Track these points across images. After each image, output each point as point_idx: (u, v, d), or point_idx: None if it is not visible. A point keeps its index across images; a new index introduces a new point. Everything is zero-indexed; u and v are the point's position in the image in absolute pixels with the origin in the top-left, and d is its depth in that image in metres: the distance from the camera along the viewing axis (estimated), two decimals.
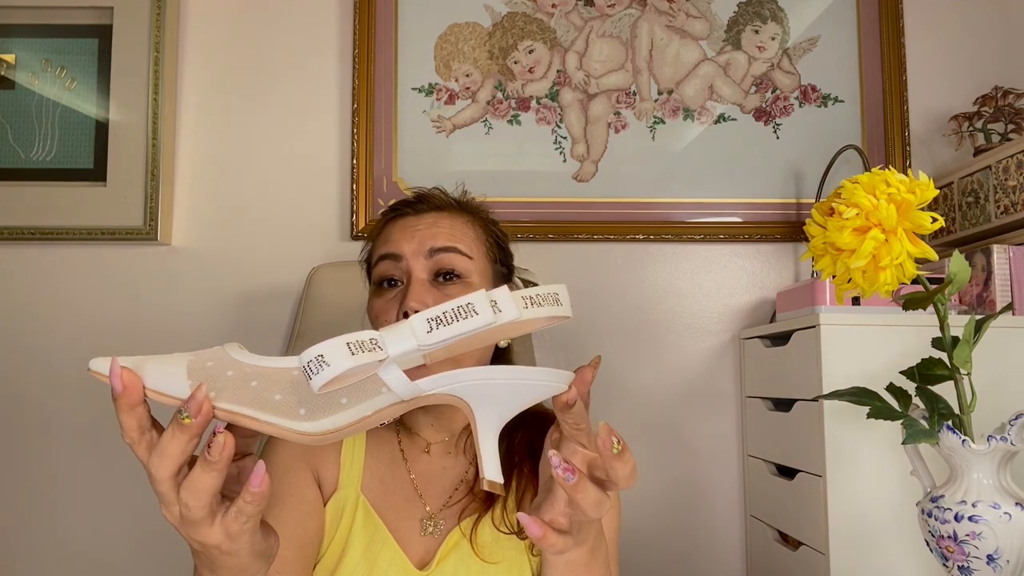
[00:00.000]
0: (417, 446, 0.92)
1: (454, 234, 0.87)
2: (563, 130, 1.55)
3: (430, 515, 0.87)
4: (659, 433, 1.52)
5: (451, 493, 0.88)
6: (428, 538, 0.86)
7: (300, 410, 0.51)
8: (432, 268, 0.85)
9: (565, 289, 0.55)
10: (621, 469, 0.57)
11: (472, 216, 0.92)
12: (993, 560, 0.80)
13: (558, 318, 0.55)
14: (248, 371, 0.52)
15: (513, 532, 0.84)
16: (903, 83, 1.56)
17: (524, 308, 0.51)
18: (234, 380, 0.51)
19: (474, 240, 0.90)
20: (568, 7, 1.57)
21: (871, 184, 0.77)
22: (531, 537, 0.58)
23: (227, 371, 0.51)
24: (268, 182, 1.55)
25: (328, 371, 0.47)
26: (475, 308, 0.49)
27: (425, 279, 0.85)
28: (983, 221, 1.33)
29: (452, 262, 0.85)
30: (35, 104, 1.51)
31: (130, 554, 1.47)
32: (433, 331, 0.49)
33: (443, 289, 0.85)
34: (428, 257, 0.85)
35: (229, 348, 0.53)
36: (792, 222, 1.54)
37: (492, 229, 0.94)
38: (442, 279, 0.85)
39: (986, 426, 0.85)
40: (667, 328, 1.54)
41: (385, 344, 0.49)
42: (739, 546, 1.51)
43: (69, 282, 1.51)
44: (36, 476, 1.48)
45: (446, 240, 0.86)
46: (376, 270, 0.88)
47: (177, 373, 0.51)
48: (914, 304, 0.82)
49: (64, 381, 1.49)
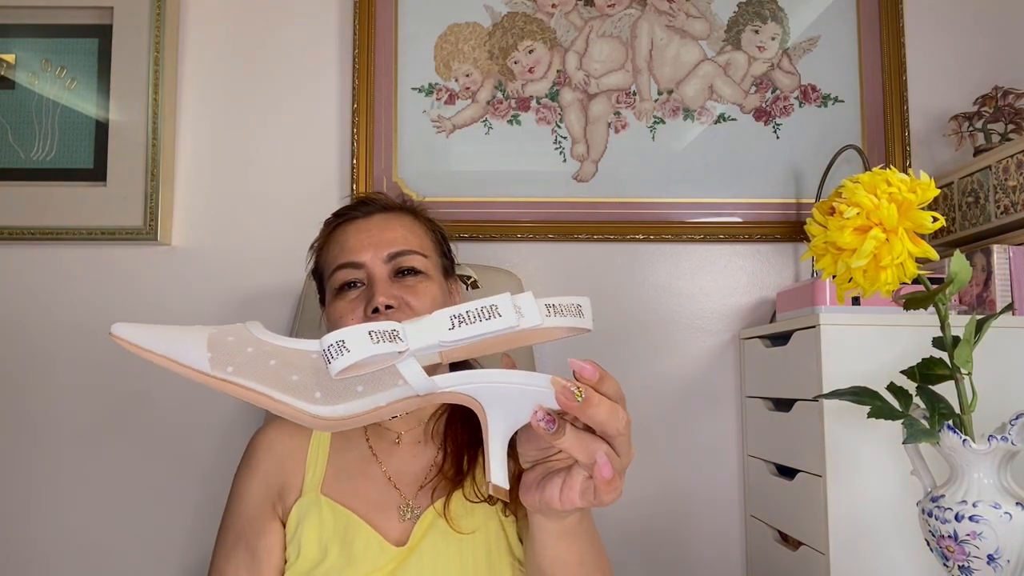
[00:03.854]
0: (386, 439, 0.95)
1: (407, 236, 0.94)
2: (563, 130, 1.55)
3: (407, 502, 0.89)
4: (659, 433, 1.52)
5: (423, 478, 0.91)
6: (406, 523, 0.89)
7: (316, 393, 0.51)
8: (392, 268, 0.91)
9: (588, 302, 0.54)
10: (596, 414, 0.52)
11: (414, 215, 0.99)
12: (994, 560, 0.80)
13: (579, 330, 0.54)
14: (268, 349, 0.52)
15: (483, 500, 0.87)
16: (903, 83, 1.56)
17: (546, 316, 0.51)
18: (253, 357, 0.51)
19: (423, 237, 0.96)
20: (568, 7, 1.57)
21: (872, 183, 0.77)
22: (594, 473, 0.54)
23: (247, 348, 0.52)
24: (268, 182, 1.55)
25: (348, 356, 0.47)
26: (499, 310, 0.49)
27: (386, 277, 0.90)
28: (983, 221, 1.33)
29: (411, 262, 0.92)
30: (35, 104, 1.51)
31: (131, 554, 1.47)
32: (455, 328, 0.49)
33: (403, 282, 0.91)
34: (387, 261, 0.91)
35: (251, 326, 0.53)
36: (792, 222, 1.54)
37: (434, 225, 1.01)
38: (401, 274, 0.91)
39: (987, 426, 0.85)
40: (667, 328, 1.54)
41: (407, 336, 0.49)
42: (739, 546, 1.51)
43: (69, 282, 1.51)
44: (37, 476, 1.48)
45: (402, 244, 0.92)
46: (335, 277, 0.92)
47: (197, 345, 0.51)
48: (915, 304, 0.82)
49: (64, 381, 1.49)
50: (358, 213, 0.96)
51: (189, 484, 1.48)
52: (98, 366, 1.49)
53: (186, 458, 1.48)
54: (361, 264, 0.90)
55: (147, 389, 1.49)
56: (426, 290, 0.91)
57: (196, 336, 0.51)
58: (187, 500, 1.48)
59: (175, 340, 0.50)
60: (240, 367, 0.51)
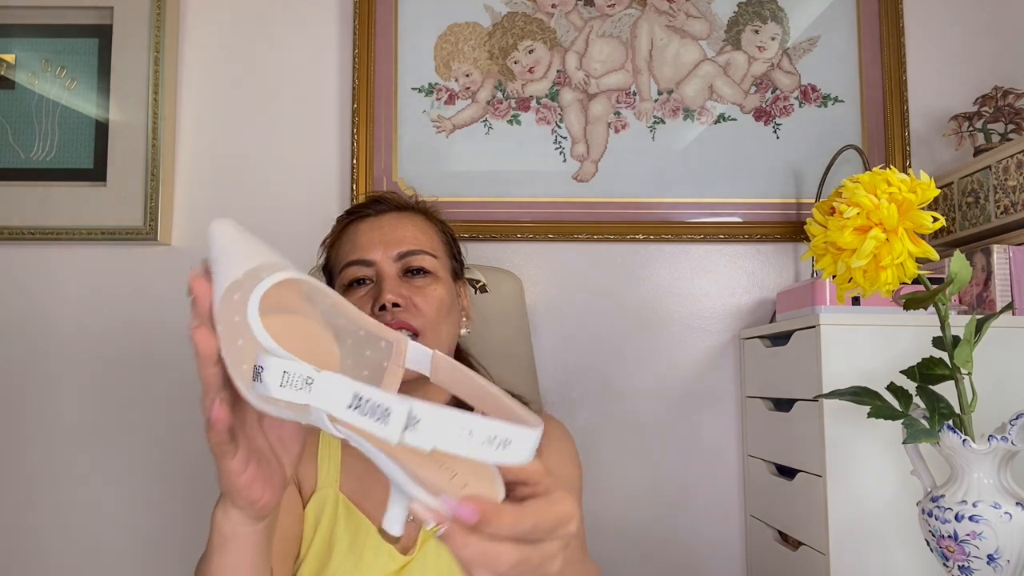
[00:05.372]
0: None
1: (418, 236, 0.94)
2: (563, 130, 1.55)
3: None
4: (659, 433, 1.52)
5: None
6: (411, 525, 0.87)
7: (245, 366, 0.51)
8: (402, 267, 0.91)
9: (531, 436, 0.42)
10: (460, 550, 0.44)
11: (426, 216, 0.99)
12: (993, 560, 0.80)
13: (503, 465, 0.45)
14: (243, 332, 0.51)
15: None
16: (903, 83, 1.56)
17: (454, 439, 0.41)
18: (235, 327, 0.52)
19: (434, 238, 0.96)
20: (568, 7, 1.57)
21: (872, 183, 0.77)
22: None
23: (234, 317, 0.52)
24: (268, 182, 1.54)
25: (257, 388, 0.47)
26: (390, 416, 0.42)
27: (395, 275, 0.90)
28: (983, 221, 1.33)
29: (421, 262, 0.92)
30: (35, 104, 1.51)
31: (131, 553, 1.47)
32: (351, 409, 0.44)
33: (412, 282, 0.91)
34: (397, 260, 0.91)
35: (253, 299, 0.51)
36: (792, 222, 1.54)
37: (445, 227, 1.01)
38: (411, 274, 0.92)
39: (986, 426, 0.85)
40: (667, 328, 1.54)
41: (314, 391, 0.45)
42: (739, 546, 1.51)
43: (69, 282, 1.51)
44: (37, 476, 1.48)
45: (412, 244, 0.92)
46: (345, 273, 0.92)
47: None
48: (915, 304, 0.82)
49: (64, 381, 1.49)
50: (370, 211, 0.96)
51: (189, 484, 1.48)
52: (98, 366, 1.49)
53: (186, 458, 1.48)
54: (371, 262, 0.90)
55: (147, 389, 1.49)
56: (433, 291, 0.91)
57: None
58: (187, 500, 1.47)
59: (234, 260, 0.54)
60: (225, 330, 0.53)
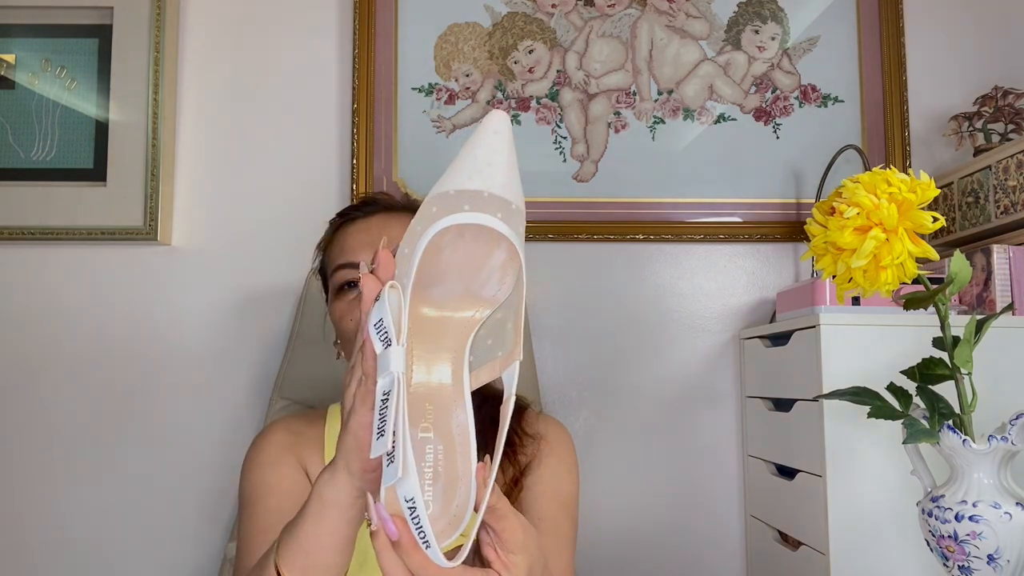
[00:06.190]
0: None
1: None
2: (563, 130, 1.55)
3: None
4: (659, 433, 1.52)
5: None
6: None
7: None
8: None
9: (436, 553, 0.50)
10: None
11: None
12: (994, 560, 0.80)
13: None
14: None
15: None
16: (903, 83, 1.56)
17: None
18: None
19: None
20: (568, 7, 1.57)
21: (872, 183, 0.77)
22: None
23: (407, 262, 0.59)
24: (268, 182, 1.54)
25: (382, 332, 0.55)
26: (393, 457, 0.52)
27: None
28: (983, 221, 1.33)
29: None
30: (35, 104, 1.51)
31: (131, 553, 1.47)
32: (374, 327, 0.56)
33: None
34: None
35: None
36: (792, 222, 1.54)
37: None
38: None
39: (987, 426, 0.85)
40: (667, 328, 1.54)
41: (392, 363, 0.54)
42: (739, 546, 1.51)
43: (69, 282, 1.51)
44: (36, 476, 1.48)
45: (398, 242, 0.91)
46: (336, 277, 0.92)
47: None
48: (915, 304, 0.82)
49: (64, 381, 1.49)
50: (359, 213, 0.96)
51: (190, 484, 1.48)
52: (98, 366, 1.49)
53: (187, 458, 1.48)
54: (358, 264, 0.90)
55: (147, 389, 1.49)
56: None
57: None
58: (188, 500, 1.47)
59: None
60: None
